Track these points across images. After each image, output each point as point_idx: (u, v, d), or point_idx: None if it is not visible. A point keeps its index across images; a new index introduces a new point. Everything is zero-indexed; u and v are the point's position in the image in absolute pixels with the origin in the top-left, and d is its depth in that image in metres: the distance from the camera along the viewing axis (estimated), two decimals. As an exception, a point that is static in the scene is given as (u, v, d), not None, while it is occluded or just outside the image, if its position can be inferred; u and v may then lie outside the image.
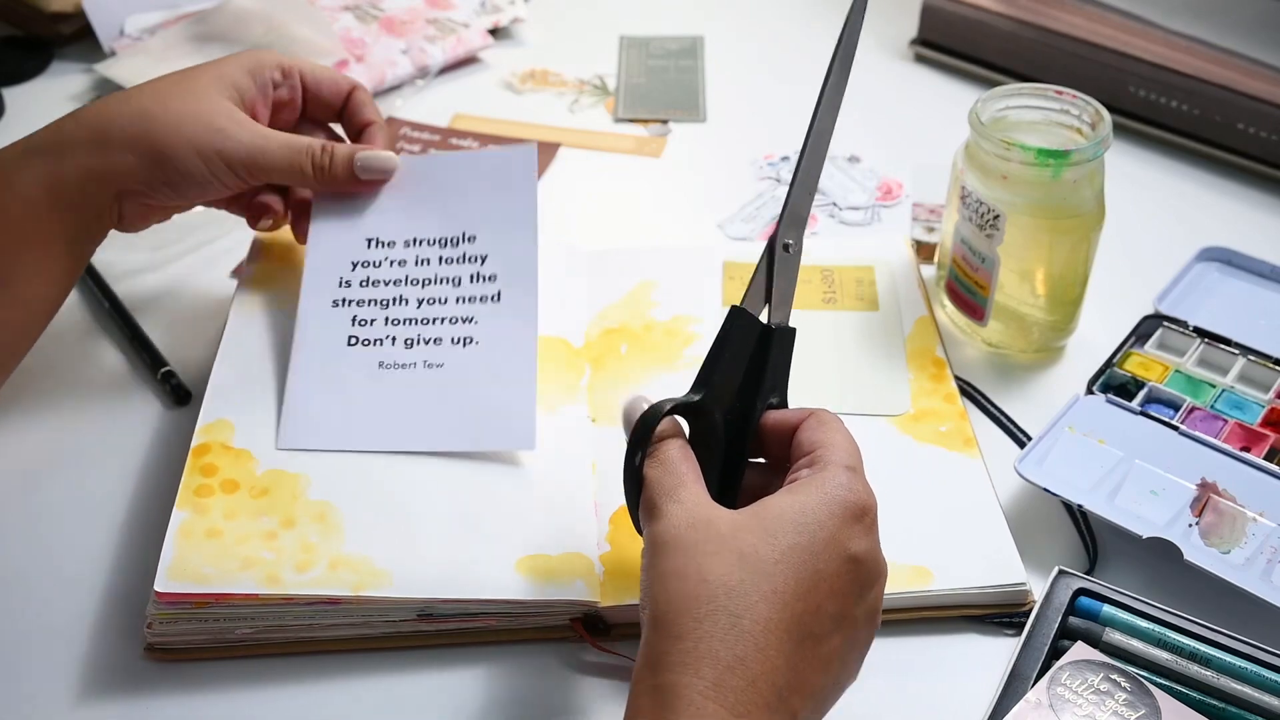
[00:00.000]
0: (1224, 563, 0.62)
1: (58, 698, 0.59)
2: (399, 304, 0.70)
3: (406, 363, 0.68)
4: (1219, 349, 0.74)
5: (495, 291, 0.70)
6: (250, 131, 0.68)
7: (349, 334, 0.69)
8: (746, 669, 0.46)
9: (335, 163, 0.71)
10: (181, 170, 0.67)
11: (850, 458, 0.53)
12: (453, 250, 0.72)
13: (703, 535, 0.49)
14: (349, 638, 0.61)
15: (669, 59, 1.07)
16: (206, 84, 0.69)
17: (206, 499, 0.63)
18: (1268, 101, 0.90)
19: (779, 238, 0.58)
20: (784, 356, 0.57)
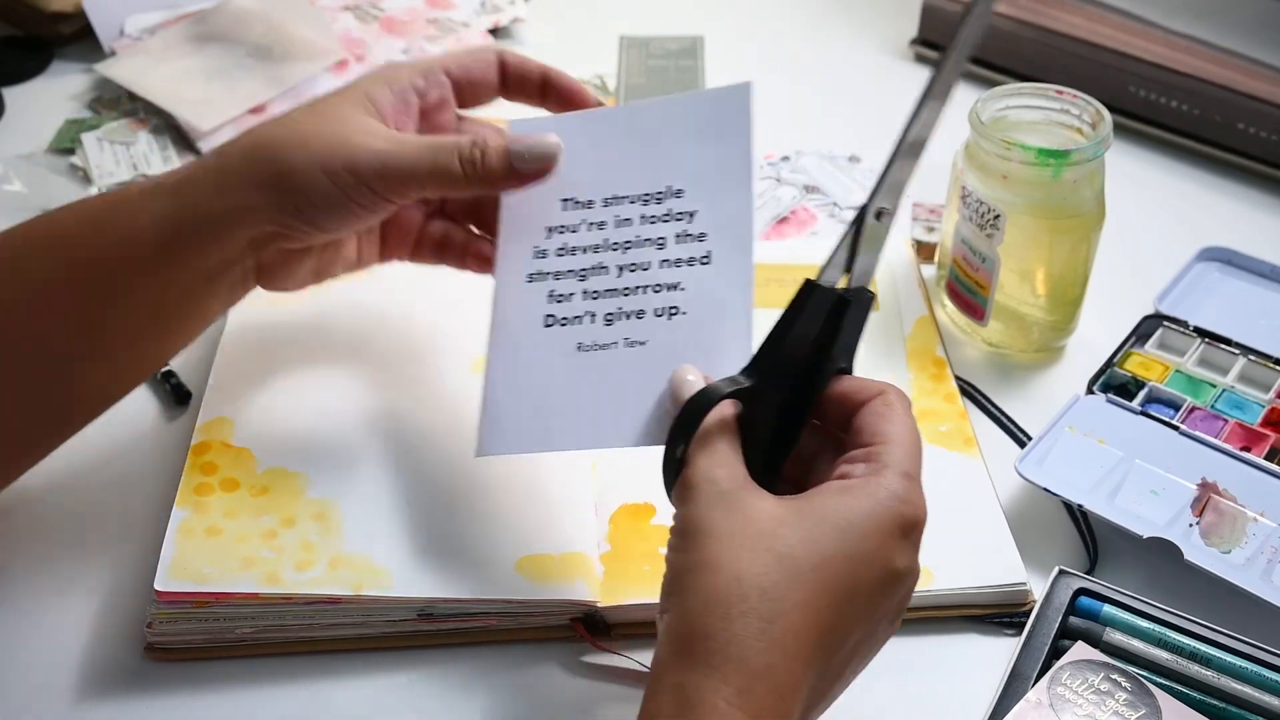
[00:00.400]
0: (1224, 563, 0.62)
1: (57, 698, 0.59)
2: (598, 273, 0.61)
3: (607, 342, 0.59)
4: (1219, 349, 0.74)
5: (705, 252, 0.61)
6: (383, 138, 0.59)
7: (545, 313, 0.61)
8: (774, 677, 0.45)
9: (490, 155, 0.60)
10: (306, 192, 0.58)
11: (910, 461, 0.50)
12: (656, 207, 0.62)
13: (740, 526, 0.47)
14: (349, 637, 0.61)
15: (669, 59, 1.07)
16: (336, 101, 0.61)
17: (206, 497, 0.63)
18: (1268, 101, 0.90)
19: (871, 205, 0.54)
20: (857, 322, 0.53)
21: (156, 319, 0.61)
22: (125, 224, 0.59)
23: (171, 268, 0.59)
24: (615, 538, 0.63)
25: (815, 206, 0.90)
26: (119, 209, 0.60)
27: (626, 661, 0.60)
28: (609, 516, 0.64)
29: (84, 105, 0.99)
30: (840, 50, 1.08)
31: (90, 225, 0.59)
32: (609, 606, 0.60)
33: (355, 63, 1.00)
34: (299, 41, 0.99)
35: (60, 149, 0.94)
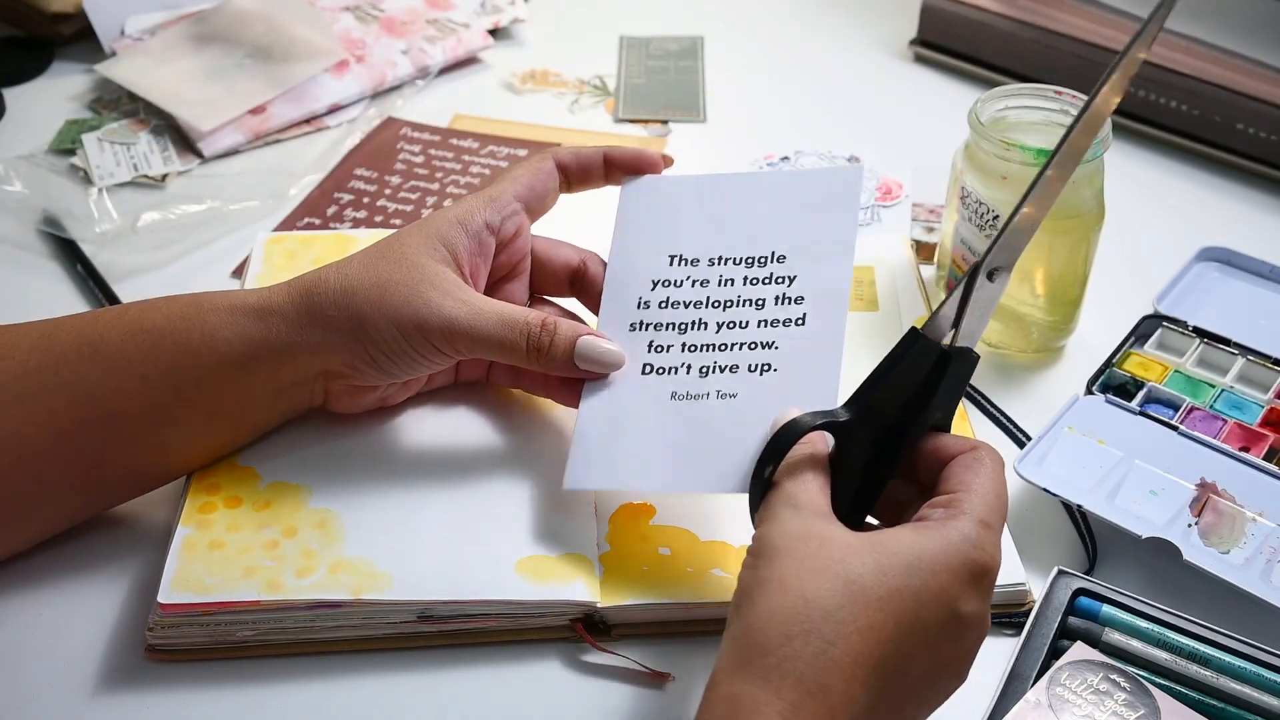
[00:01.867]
0: (1223, 563, 0.62)
1: (58, 698, 0.59)
2: (698, 328, 0.64)
3: (700, 393, 0.62)
4: (1218, 349, 0.74)
5: (801, 315, 0.63)
6: (456, 300, 0.61)
7: (644, 361, 0.64)
8: (828, 698, 0.45)
9: (555, 345, 0.62)
10: (379, 344, 0.60)
11: (989, 512, 0.50)
12: (759, 270, 0.65)
13: (813, 550, 0.48)
14: (349, 638, 0.61)
15: (669, 59, 1.07)
16: (412, 246, 0.62)
17: (209, 514, 0.63)
18: (1268, 101, 0.90)
19: (986, 263, 0.54)
20: (959, 380, 0.54)
21: (221, 419, 0.64)
22: (211, 333, 0.61)
23: (245, 382, 0.62)
24: (615, 538, 0.63)
25: (815, 207, 0.90)
26: (206, 318, 0.62)
27: (626, 662, 0.60)
28: (609, 517, 0.64)
29: (84, 106, 0.99)
30: (840, 50, 1.08)
31: (179, 325, 0.61)
32: (609, 607, 0.60)
33: (355, 63, 1.00)
34: (299, 42, 0.99)
35: (60, 149, 0.94)
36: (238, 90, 0.96)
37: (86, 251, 0.84)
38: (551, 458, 0.66)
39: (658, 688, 0.59)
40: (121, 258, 0.83)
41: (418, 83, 1.02)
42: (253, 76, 0.97)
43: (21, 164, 0.91)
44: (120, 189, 0.90)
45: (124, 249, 0.84)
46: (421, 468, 0.65)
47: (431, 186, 0.91)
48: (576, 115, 1.00)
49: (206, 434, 0.64)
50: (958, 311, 0.54)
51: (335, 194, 0.90)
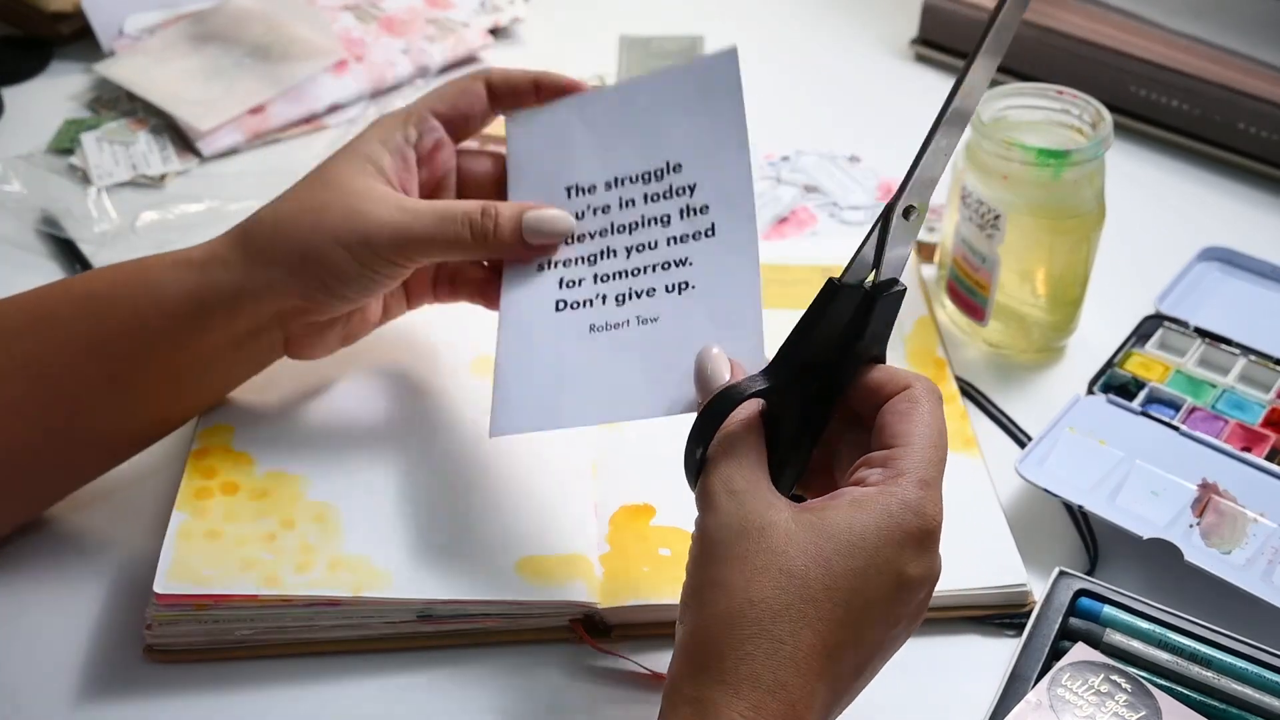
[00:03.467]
0: (1225, 563, 0.62)
1: (57, 699, 0.59)
2: (607, 257, 0.63)
3: (619, 321, 0.61)
4: (1220, 349, 0.74)
5: (709, 225, 0.61)
6: (393, 208, 0.61)
7: (556, 299, 0.62)
8: (787, 694, 0.46)
9: (500, 228, 0.62)
10: (327, 268, 0.60)
11: (927, 466, 0.49)
12: (658, 185, 0.63)
13: (753, 547, 0.48)
14: (349, 639, 0.61)
15: (669, 59, 1.06)
16: (340, 168, 0.63)
17: (206, 501, 0.63)
18: (1268, 101, 0.90)
19: (900, 202, 0.51)
20: (887, 313, 0.52)
21: (180, 382, 0.63)
22: (155, 292, 0.61)
23: (198, 337, 0.61)
24: (615, 539, 0.63)
25: (815, 206, 0.90)
26: (150, 276, 0.62)
27: (626, 663, 0.60)
28: (609, 517, 0.64)
29: (83, 105, 0.99)
30: (840, 50, 1.08)
31: (124, 289, 0.62)
32: (608, 608, 0.60)
33: (355, 63, 1.00)
34: (298, 41, 0.99)
35: (59, 149, 0.94)
36: (237, 90, 0.96)
37: (85, 251, 0.84)
38: (553, 458, 0.66)
39: (657, 688, 0.59)
40: (120, 258, 0.82)
41: (417, 82, 1.02)
42: (252, 76, 0.97)
43: (20, 163, 0.91)
44: (119, 189, 0.90)
45: (123, 249, 0.83)
46: (421, 466, 0.65)
47: (431, 186, 0.91)
48: (576, 115, 1.00)
49: (169, 397, 0.64)
50: (876, 253, 0.52)
51: (335, 194, 0.90)
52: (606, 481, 0.66)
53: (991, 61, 0.51)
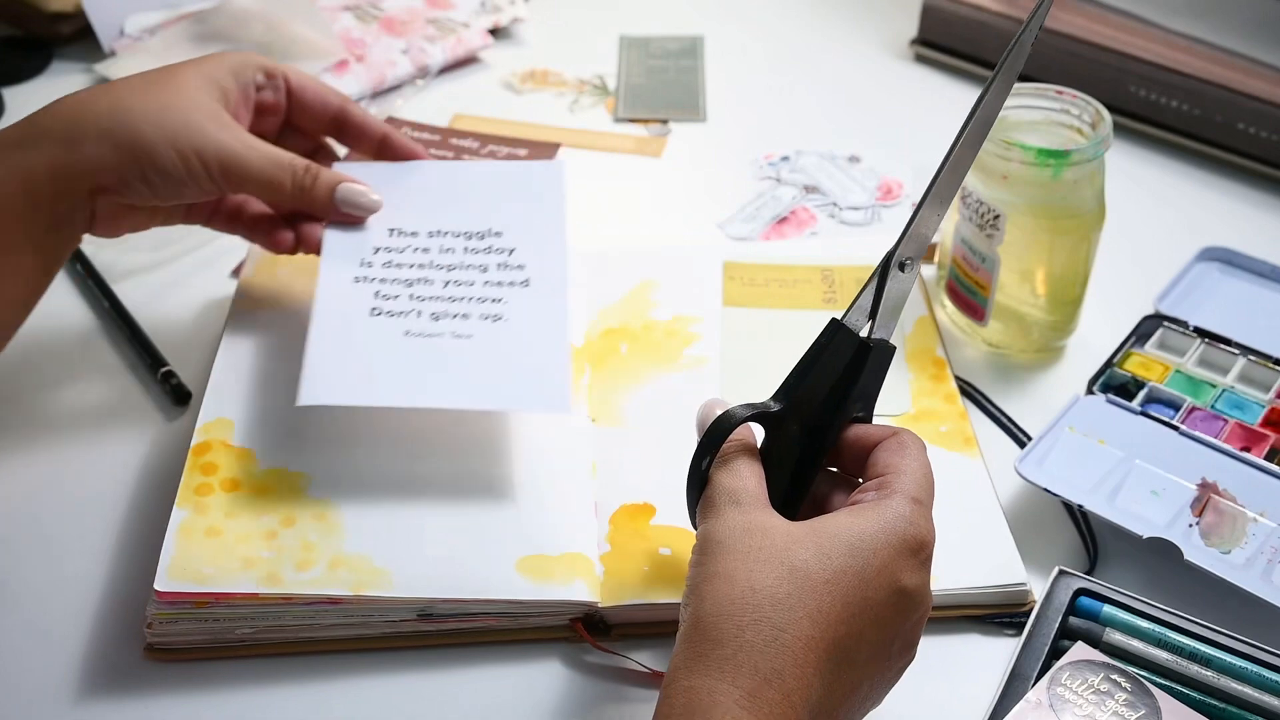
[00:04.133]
0: (1224, 563, 0.62)
1: (58, 698, 0.59)
2: (423, 284, 0.68)
3: (434, 333, 0.65)
4: (1219, 349, 0.74)
5: (524, 279, 0.68)
6: (232, 135, 0.65)
7: (371, 306, 0.66)
8: (783, 683, 0.46)
9: (317, 186, 0.68)
10: (157, 165, 0.63)
11: (919, 489, 0.52)
12: (479, 243, 0.70)
13: (757, 543, 0.49)
14: (349, 638, 0.61)
15: (669, 59, 1.07)
16: (189, 79, 0.66)
17: (206, 497, 0.63)
18: (1268, 101, 0.90)
19: (897, 255, 0.56)
20: (878, 372, 0.56)
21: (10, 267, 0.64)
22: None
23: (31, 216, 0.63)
24: (615, 538, 0.63)
25: (815, 206, 0.90)
26: None
27: (626, 662, 0.60)
28: (609, 517, 0.64)
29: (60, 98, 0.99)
30: (840, 50, 1.08)
31: None
32: (609, 607, 0.60)
33: (355, 63, 1.00)
34: (299, 41, 0.99)
35: (60, 149, 0.93)
36: (237, 90, 0.96)
37: (86, 251, 0.83)
38: (553, 458, 0.66)
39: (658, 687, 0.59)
40: (121, 258, 0.83)
41: (418, 82, 1.02)
42: (252, 76, 0.97)
43: (21, 163, 0.91)
44: (120, 188, 0.90)
45: (123, 249, 0.83)
46: (422, 463, 0.65)
47: (431, 186, 0.91)
48: (576, 115, 1.00)
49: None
50: (873, 303, 0.56)
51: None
52: (607, 481, 0.66)
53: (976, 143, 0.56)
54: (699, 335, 0.75)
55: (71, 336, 0.78)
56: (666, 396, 0.71)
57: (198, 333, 0.78)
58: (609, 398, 0.71)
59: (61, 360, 0.76)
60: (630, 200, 0.91)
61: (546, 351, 0.65)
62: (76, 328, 0.79)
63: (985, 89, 0.55)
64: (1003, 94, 0.56)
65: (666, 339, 0.75)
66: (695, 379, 0.72)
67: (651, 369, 0.73)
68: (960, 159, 0.56)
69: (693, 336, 0.75)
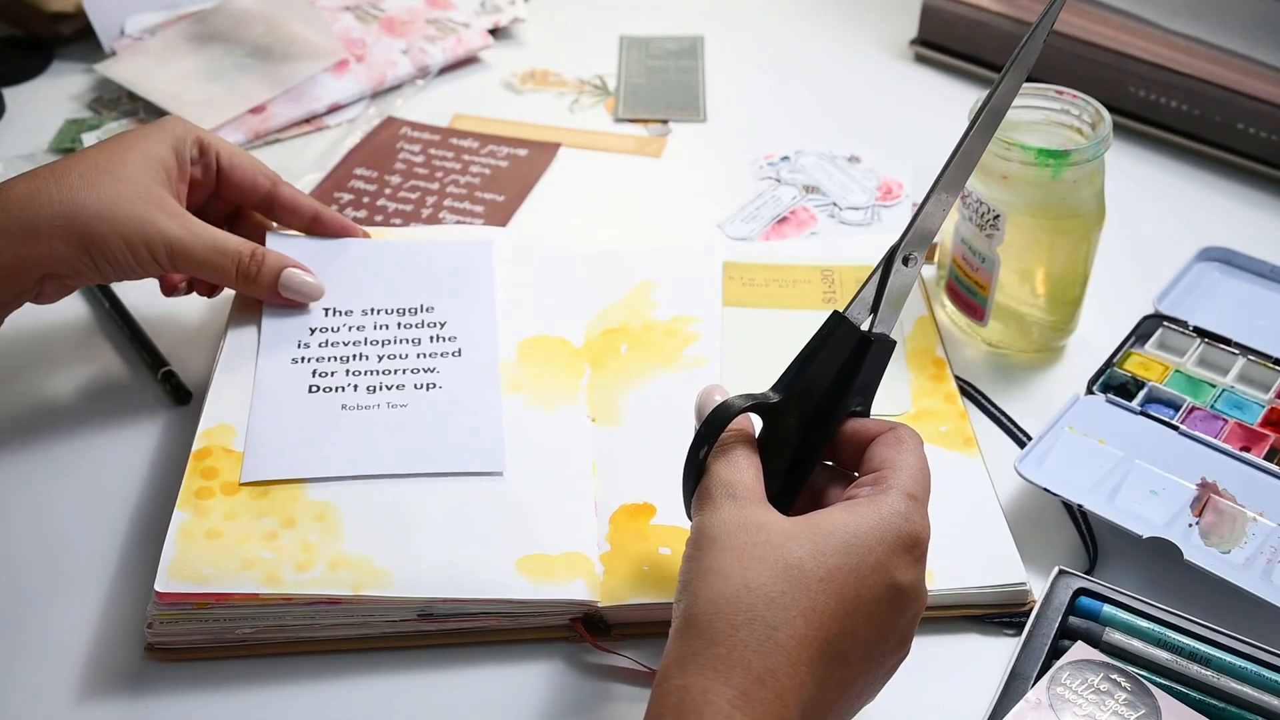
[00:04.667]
0: (1224, 563, 0.62)
1: (58, 697, 0.59)
2: (359, 359, 0.70)
3: (369, 404, 0.68)
4: (1219, 349, 0.74)
5: (456, 348, 0.71)
6: (179, 224, 0.68)
7: (309, 384, 0.69)
8: (776, 682, 0.46)
9: (261, 274, 0.70)
10: (109, 258, 0.66)
11: (915, 485, 0.52)
12: (412, 318, 0.72)
13: (751, 539, 0.49)
14: (349, 638, 0.61)
15: (669, 59, 1.07)
16: (136, 165, 0.68)
17: (207, 500, 0.63)
18: (1268, 101, 0.90)
19: (901, 249, 0.56)
20: (878, 366, 0.56)
21: None
22: None
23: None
24: (615, 538, 0.63)
25: (815, 206, 0.90)
26: None
27: (626, 661, 0.60)
28: (609, 516, 0.64)
29: (84, 105, 0.99)
30: (840, 50, 1.08)
31: None
32: (609, 606, 0.60)
33: (355, 63, 1.00)
34: (299, 41, 0.99)
35: (60, 149, 0.94)
36: (238, 90, 0.96)
37: (86, 251, 0.84)
38: (553, 458, 0.66)
39: (658, 687, 0.59)
40: (121, 257, 0.83)
41: (418, 82, 1.02)
42: (253, 76, 0.97)
43: (21, 163, 0.91)
44: (120, 188, 0.90)
45: (124, 248, 0.83)
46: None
47: (431, 186, 0.91)
48: (576, 115, 1.00)
49: None
50: (875, 297, 0.56)
51: (335, 194, 0.90)
52: (607, 480, 0.66)
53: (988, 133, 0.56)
54: (699, 335, 0.75)
55: (72, 336, 0.78)
56: (666, 396, 0.71)
57: (198, 333, 0.78)
58: (609, 398, 0.71)
59: (62, 360, 0.76)
60: (630, 200, 0.91)
61: (480, 413, 0.67)
62: (77, 328, 0.79)
63: (1000, 78, 0.55)
64: (1015, 86, 0.56)
65: (666, 339, 0.75)
66: (695, 379, 0.72)
67: (651, 369, 0.73)
68: (970, 150, 0.56)
69: (693, 336, 0.75)
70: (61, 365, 0.76)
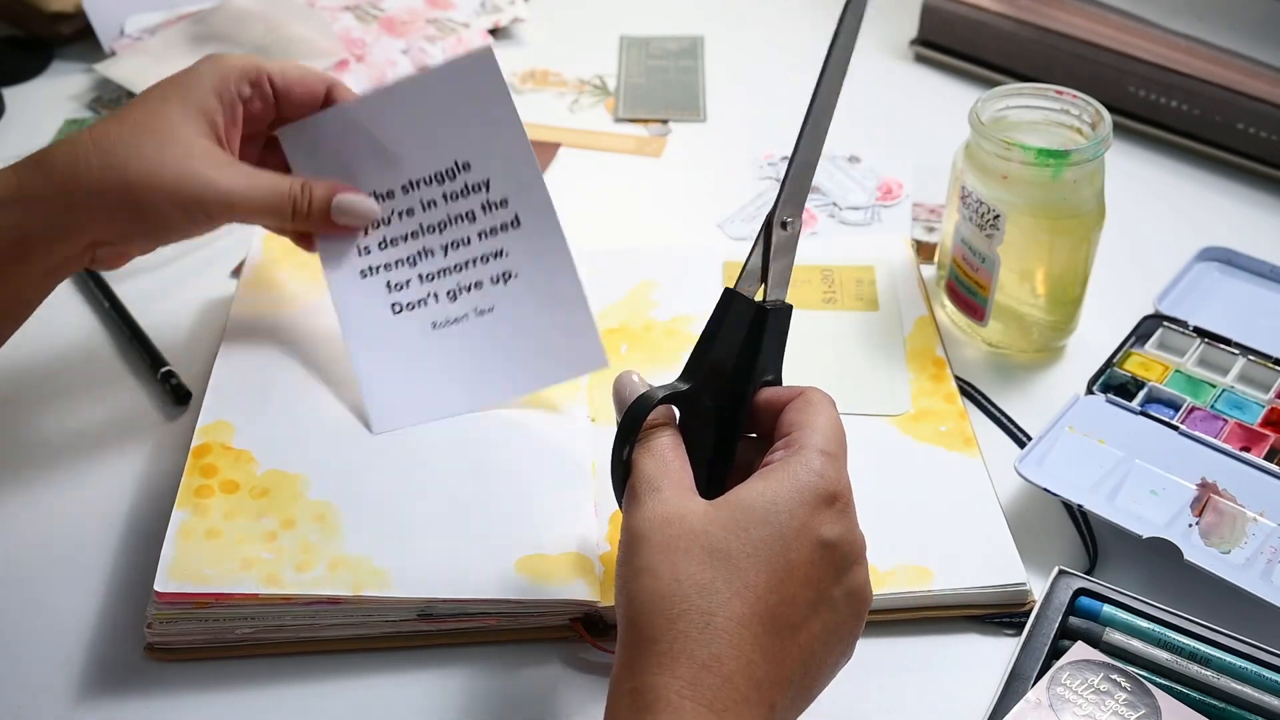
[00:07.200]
0: (1224, 563, 0.62)
1: (58, 697, 0.59)
2: (426, 257, 0.69)
3: (458, 316, 0.68)
4: (1219, 349, 0.74)
5: (512, 217, 0.68)
6: (228, 176, 0.64)
7: (391, 303, 0.68)
8: (722, 666, 0.46)
9: (313, 205, 0.67)
10: (159, 221, 0.64)
11: (827, 441, 0.52)
12: (452, 184, 0.69)
13: (675, 531, 0.49)
14: (349, 638, 0.61)
15: (669, 59, 1.07)
16: (177, 119, 0.64)
17: (206, 499, 0.63)
18: (1268, 101, 0.90)
19: (777, 215, 0.56)
20: (779, 335, 0.56)
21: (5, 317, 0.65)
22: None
23: (19, 271, 0.63)
24: (615, 538, 0.63)
25: (815, 206, 0.90)
26: None
27: (626, 662, 0.60)
28: (609, 517, 0.64)
29: (84, 105, 0.99)
30: (840, 50, 1.08)
31: None
32: (609, 606, 0.60)
33: (355, 63, 1.00)
34: (299, 41, 0.99)
35: (60, 149, 0.93)
36: (237, 90, 0.96)
37: (86, 251, 0.84)
38: (553, 457, 0.66)
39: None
40: (121, 257, 0.83)
41: (418, 82, 1.02)
42: (252, 76, 0.97)
43: (21, 163, 0.91)
44: (120, 188, 0.90)
45: (123, 248, 0.83)
46: (422, 464, 0.65)
47: (431, 186, 0.91)
48: (576, 115, 1.00)
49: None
50: (763, 265, 0.56)
51: (335, 193, 0.90)
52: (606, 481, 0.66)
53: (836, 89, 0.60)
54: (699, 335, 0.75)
55: (72, 336, 0.78)
56: (666, 396, 0.71)
57: (198, 333, 0.78)
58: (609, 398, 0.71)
59: (62, 360, 0.76)
60: (630, 200, 0.91)
61: (565, 308, 0.67)
62: (77, 328, 0.79)
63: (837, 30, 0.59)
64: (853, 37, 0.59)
65: (666, 339, 0.75)
66: (695, 379, 0.72)
67: (651, 369, 0.73)
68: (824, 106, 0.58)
69: (693, 336, 0.75)
70: (61, 365, 0.76)
